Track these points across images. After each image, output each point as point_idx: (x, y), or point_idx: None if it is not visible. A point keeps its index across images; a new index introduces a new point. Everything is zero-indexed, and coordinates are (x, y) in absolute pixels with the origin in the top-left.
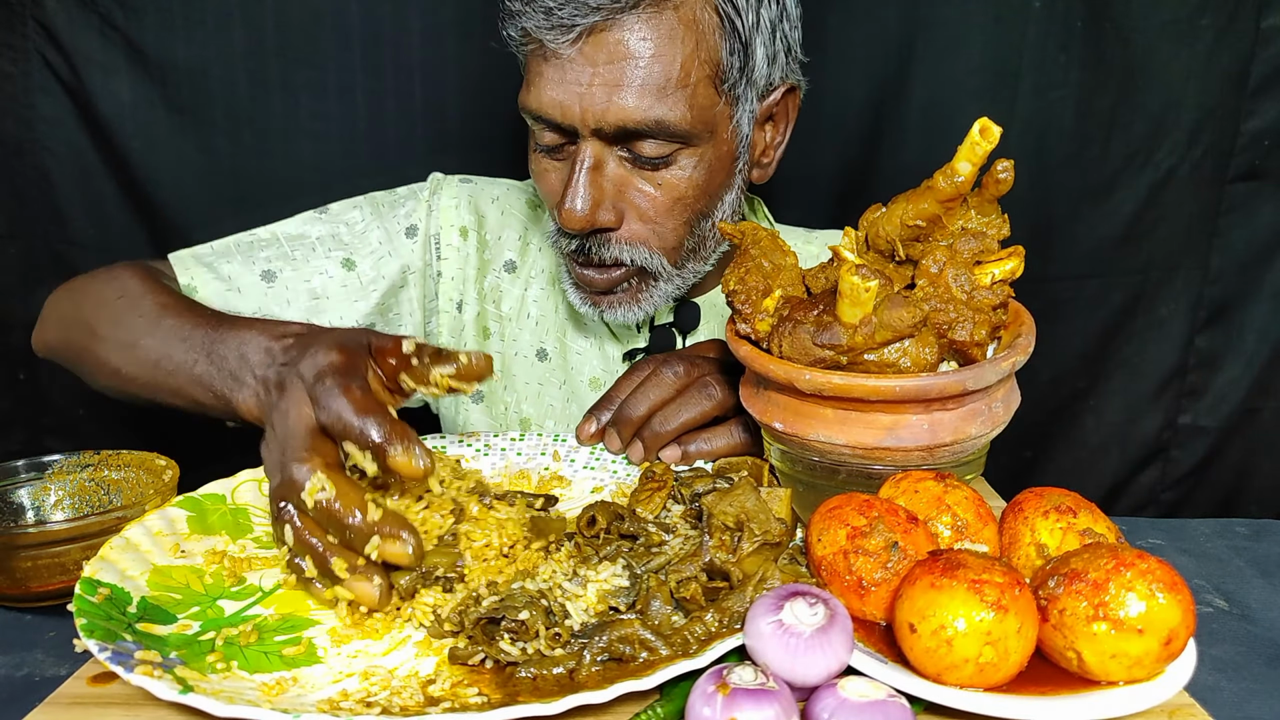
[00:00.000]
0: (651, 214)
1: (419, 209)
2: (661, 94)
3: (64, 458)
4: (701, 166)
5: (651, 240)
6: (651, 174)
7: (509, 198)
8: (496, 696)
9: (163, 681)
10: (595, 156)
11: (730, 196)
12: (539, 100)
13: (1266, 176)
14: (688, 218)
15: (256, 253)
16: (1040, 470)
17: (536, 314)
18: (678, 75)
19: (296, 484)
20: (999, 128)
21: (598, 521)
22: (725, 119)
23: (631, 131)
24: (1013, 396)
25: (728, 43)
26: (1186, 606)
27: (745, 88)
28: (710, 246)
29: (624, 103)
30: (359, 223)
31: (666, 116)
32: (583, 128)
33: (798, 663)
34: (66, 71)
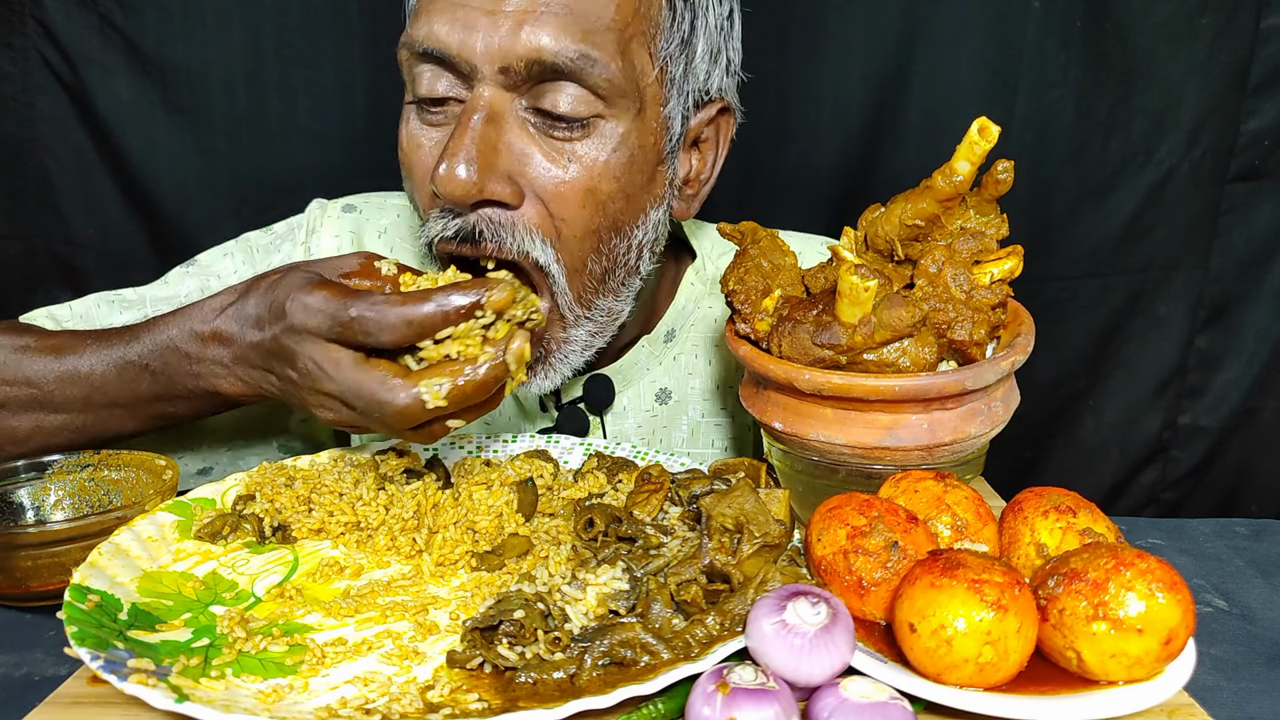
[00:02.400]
0: (556, 199)
1: (295, 253)
2: (590, 28)
3: (64, 458)
4: (623, 149)
5: (550, 234)
6: (563, 144)
7: (399, 227)
8: (497, 702)
9: (157, 690)
10: (493, 106)
11: (655, 214)
12: (429, 27)
13: (1266, 176)
14: (599, 221)
15: (116, 316)
16: (1040, 470)
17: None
18: (611, 16)
19: (412, 410)
20: (997, 127)
21: (595, 524)
22: (656, 100)
23: (547, 67)
24: (1012, 396)
25: (673, 8)
26: (1186, 606)
27: (682, 74)
28: (620, 278)
29: (541, 30)
30: (231, 275)
31: (592, 53)
32: (484, 63)
33: (802, 662)
34: (66, 71)
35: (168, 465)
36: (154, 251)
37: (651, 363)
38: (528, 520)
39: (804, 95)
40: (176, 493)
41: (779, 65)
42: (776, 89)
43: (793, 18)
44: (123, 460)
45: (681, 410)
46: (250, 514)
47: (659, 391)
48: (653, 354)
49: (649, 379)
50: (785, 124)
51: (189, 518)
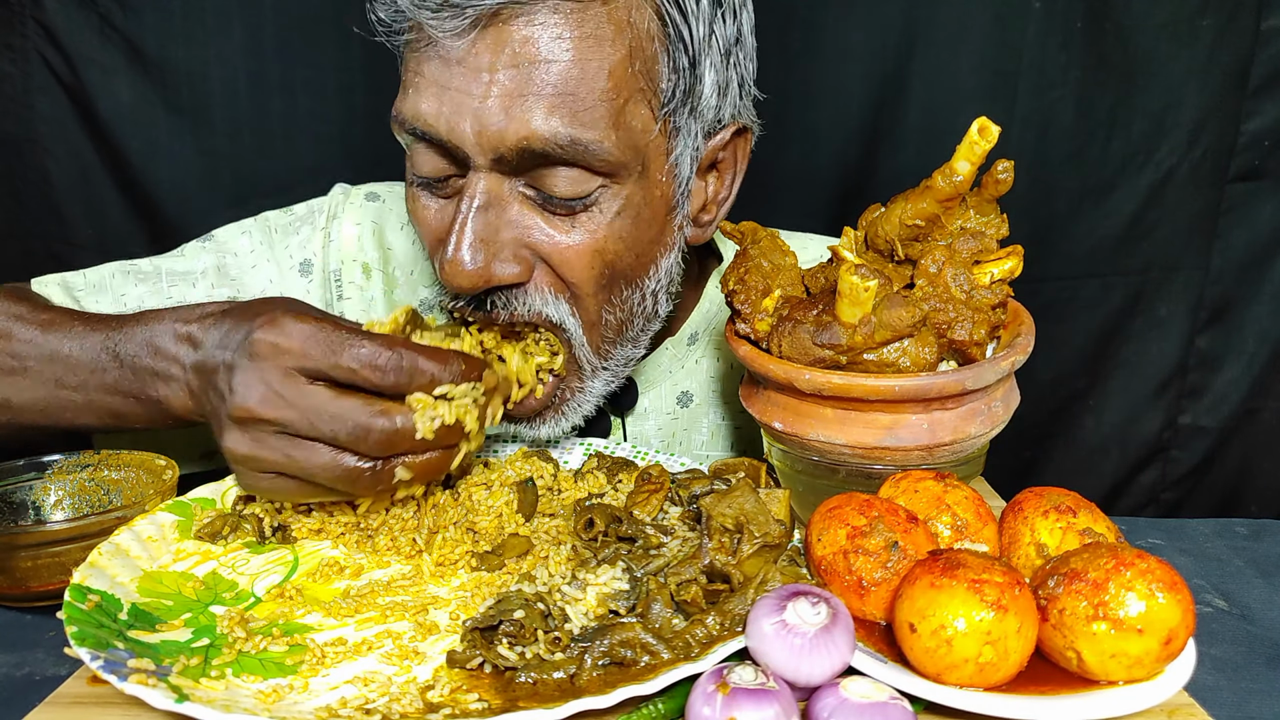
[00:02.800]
0: (563, 266)
1: (314, 239)
2: (580, 108)
3: (64, 458)
4: (628, 212)
5: (565, 294)
6: (564, 219)
7: None
8: (497, 702)
9: (158, 690)
10: (490, 192)
11: (666, 261)
12: (416, 109)
13: (1266, 176)
14: (609, 278)
15: (130, 288)
16: (1040, 470)
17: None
18: (603, 87)
19: (405, 433)
20: (997, 127)
21: (595, 524)
22: (660, 154)
23: (539, 155)
24: (1012, 396)
25: (670, 56)
26: (1186, 606)
27: (688, 118)
28: (639, 326)
29: (530, 116)
30: (248, 254)
31: (584, 137)
32: (476, 151)
33: (802, 662)
34: (66, 71)
35: (168, 465)
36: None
37: (674, 365)
38: (528, 520)
39: (804, 95)
40: (177, 492)
41: (779, 65)
42: (776, 89)
43: (793, 18)
44: (123, 460)
45: (702, 413)
46: (250, 514)
47: (680, 394)
48: (675, 356)
49: (670, 381)
50: (785, 124)
51: (189, 518)
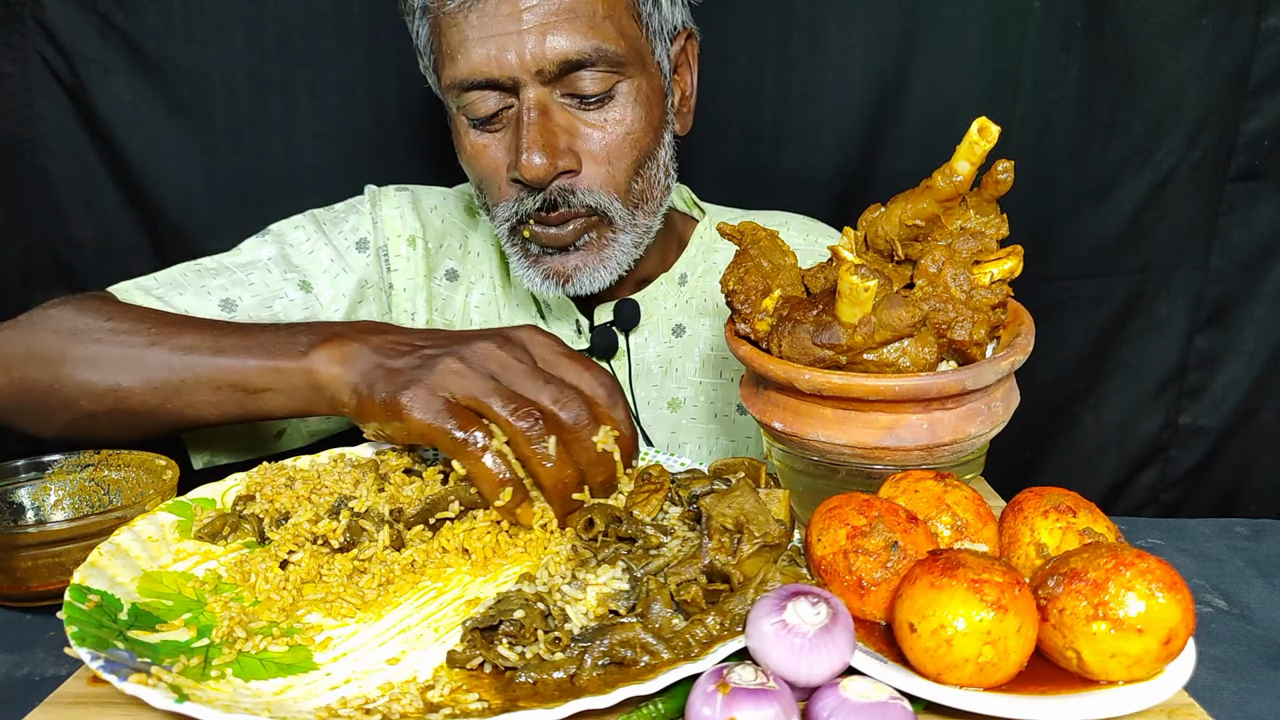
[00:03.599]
0: (605, 154)
1: (363, 223)
2: (592, 22)
3: (64, 458)
4: (640, 99)
5: (608, 182)
6: (597, 113)
7: (446, 206)
8: (497, 702)
9: (157, 690)
10: (540, 103)
11: (666, 137)
12: (469, 63)
13: (1266, 176)
14: (637, 156)
15: (208, 281)
16: (1040, 470)
17: (479, 320)
18: (602, 5)
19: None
20: (997, 127)
21: (595, 524)
22: (648, 51)
23: (574, 63)
24: (1012, 396)
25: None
26: (1186, 606)
27: (659, 24)
28: (655, 195)
29: (559, 36)
30: (305, 242)
31: (602, 44)
32: (524, 73)
33: (802, 662)
34: (66, 71)
35: (168, 465)
36: (154, 251)
37: (668, 300)
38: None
39: (804, 95)
40: (177, 492)
41: (779, 65)
42: (776, 89)
43: (793, 18)
44: (123, 460)
45: (694, 344)
46: (250, 514)
47: (675, 326)
48: (668, 292)
49: (665, 314)
50: (785, 124)
51: (189, 518)
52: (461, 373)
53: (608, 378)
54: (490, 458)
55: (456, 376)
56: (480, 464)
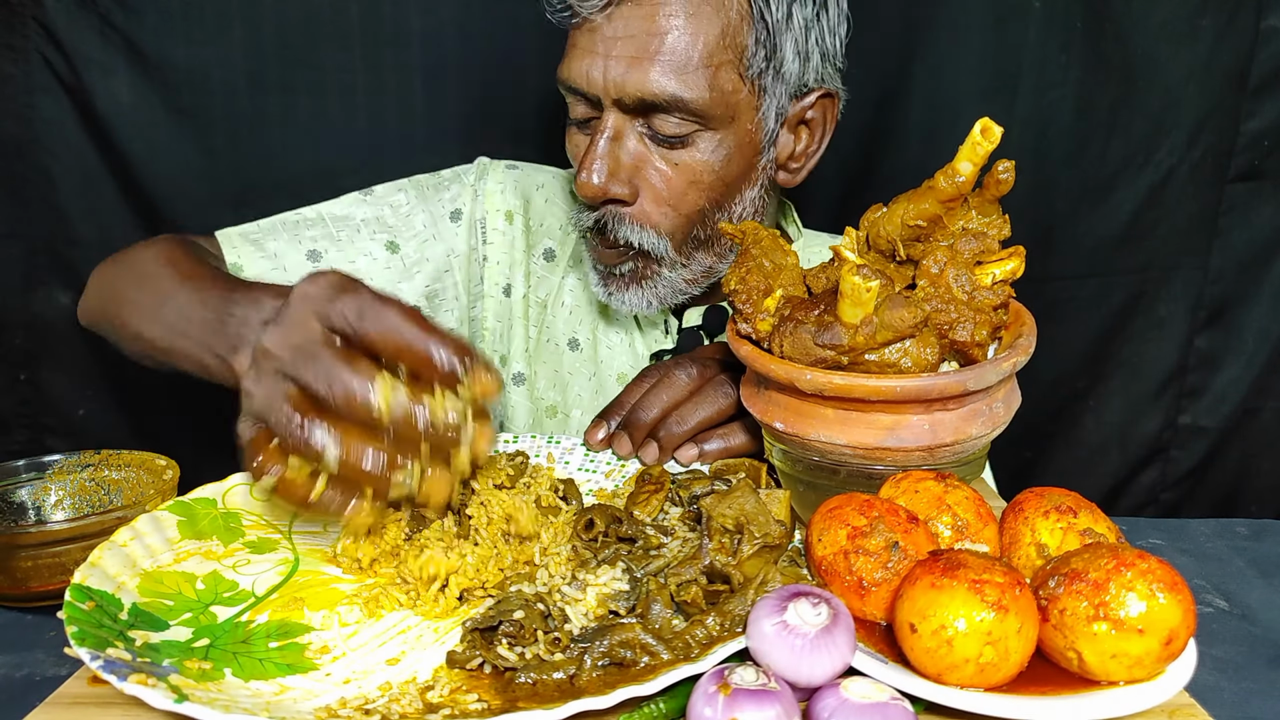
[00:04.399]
0: (665, 194)
1: (464, 194)
2: (682, 71)
3: (64, 458)
4: (720, 151)
5: (662, 223)
6: (669, 152)
7: (553, 185)
8: (496, 703)
9: (157, 690)
10: (615, 128)
11: (751, 193)
12: (568, 69)
13: (1266, 176)
14: (702, 204)
15: (303, 231)
16: (1040, 470)
17: (571, 303)
18: (700, 54)
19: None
20: (1000, 128)
21: (595, 524)
22: (749, 108)
23: (650, 104)
24: (1013, 397)
25: (754, 31)
26: (1187, 606)
27: (773, 81)
28: (725, 242)
29: (643, 75)
30: (403, 205)
31: (684, 94)
32: (605, 97)
33: (802, 663)
34: (66, 71)
35: (168, 465)
36: None
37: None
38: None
39: None
40: (177, 492)
41: None
42: None
43: None
44: (123, 460)
45: None
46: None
47: None
48: None
49: None
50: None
51: (189, 518)
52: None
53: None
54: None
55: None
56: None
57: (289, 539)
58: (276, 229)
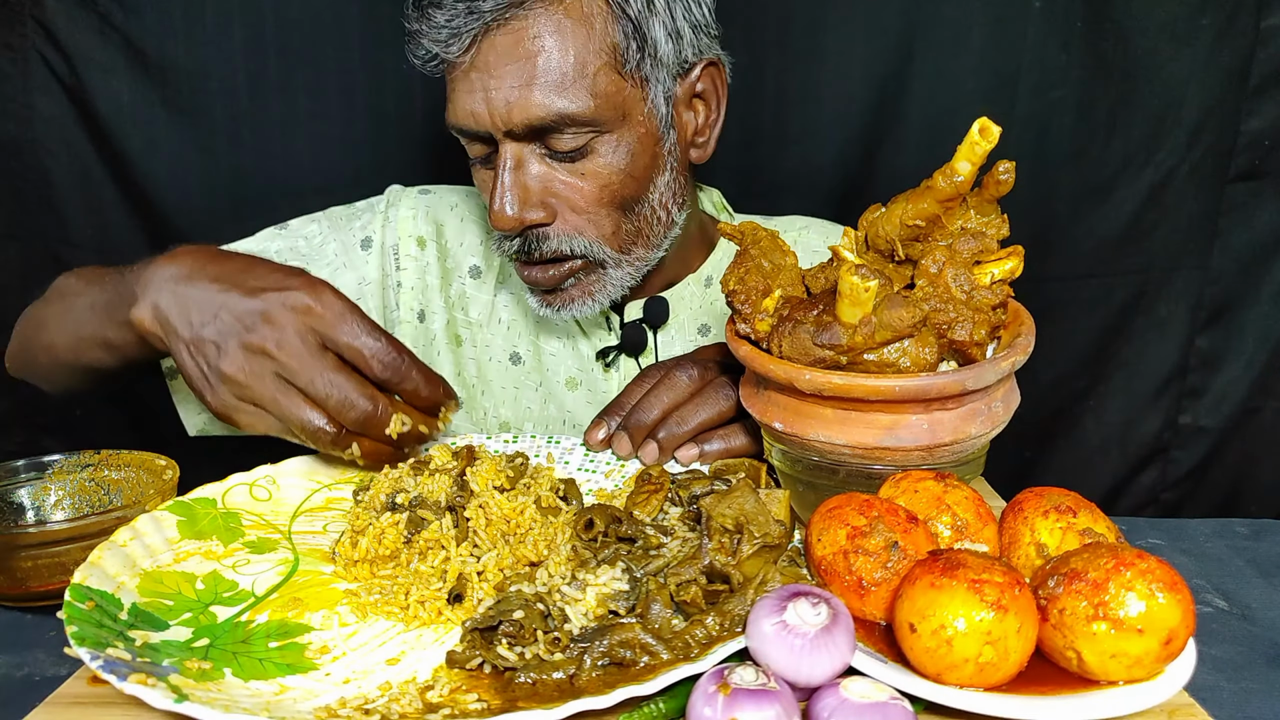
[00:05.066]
0: (582, 204)
1: (374, 221)
2: (561, 87)
3: (64, 458)
4: (621, 151)
5: (588, 230)
6: (572, 165)
7: (467, 204)
8: (496, 703)
9: (157, 690)
10: (515, 156)
11: (663, 178)
12: (454, 114)
13: (1266, 176)
14: (619, 203)
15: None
16: (1040, 470)
17: (507, 318)
18: (574, 66)
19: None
20: (998, 127)
21: (595, 524)
22: (637, 101)
23: (539, 128)
24: (1012, 396)
25: (620, 26)
26: (1186, 606)
27: (653, 68)
28: (657, 231)
29: (526, 100)
30: (316, 236)
31: (568, 109)
32: (495, 131)
33: (802, 663)
34: (66, 71)
35: (168, 465)
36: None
37: (693, 301)
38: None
39: (804, 95)
40: (177, 491)
41: (779, 65)
42: (776, 89)
43: (793, 18)
44: (123, 460)
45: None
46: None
47: (700, 326)
48: (695, 294)
49: (691, 315)
50: (785, 124)
51: (189, 518)
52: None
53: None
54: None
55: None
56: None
57: (289, 539)
58: None
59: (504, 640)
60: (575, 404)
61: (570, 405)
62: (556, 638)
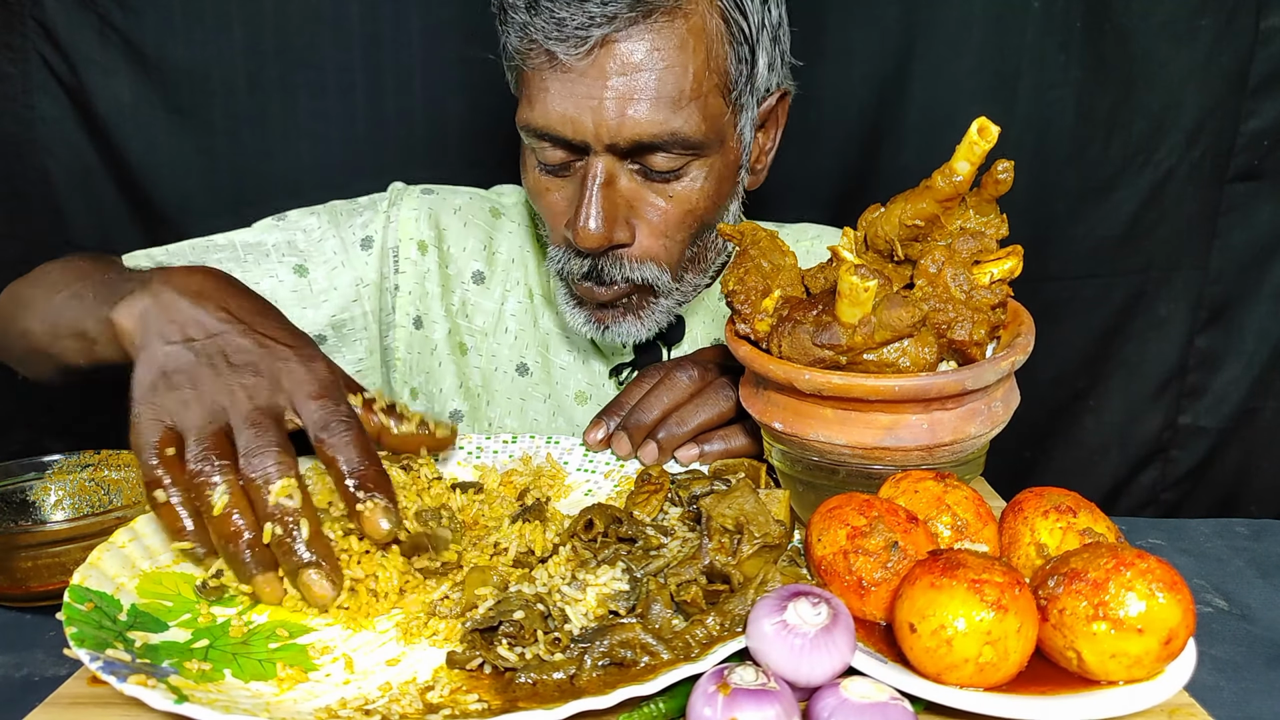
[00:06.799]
0: (662, 227)
1: (376, 220)
2: (676, 106)
3: (64, 458)
4: (711, 176)
5: (660, 255)
6: (664, 186)
7: (471, 206)
8: (496, 703)
9: (157, 691)
10: (608, 172)
11: (734, 205)
12: (546, 116)
13: (1266, 176)
14: (696, 229)
15: (209, 255)
16: (1040, 470)
17: (515, 328)
18: (690, 86)
19: (264, 472)
20: (997, 127)
21: (595, 525)
22: (732, 127)
23: (646, 145)
24: (1012, 396)
25: (735, 50)
26: (1186, 606)
27: (749, 95)
28: (710, 257)
29: (638, 116)
30: (315, 230)
31: (681, 129)
32: (595, 143)
33: (802, 663)
34: (66, 71)
35: None
36: None
37: (707, 315)
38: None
39: (804, 95)
40: None
41: None
42: None
43: (793, 18)
44: (123, 460)
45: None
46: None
47: (715, 339)
48: (708, 306)
49: (704, 328)
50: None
51: None
52: (186, 402)
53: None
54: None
55: (180, 405)
56: (162, 507)
57: None
58: (184, 253)
59: (504, 641)
60: (584, 418)
61: (579, 419)
62: (557, 638)
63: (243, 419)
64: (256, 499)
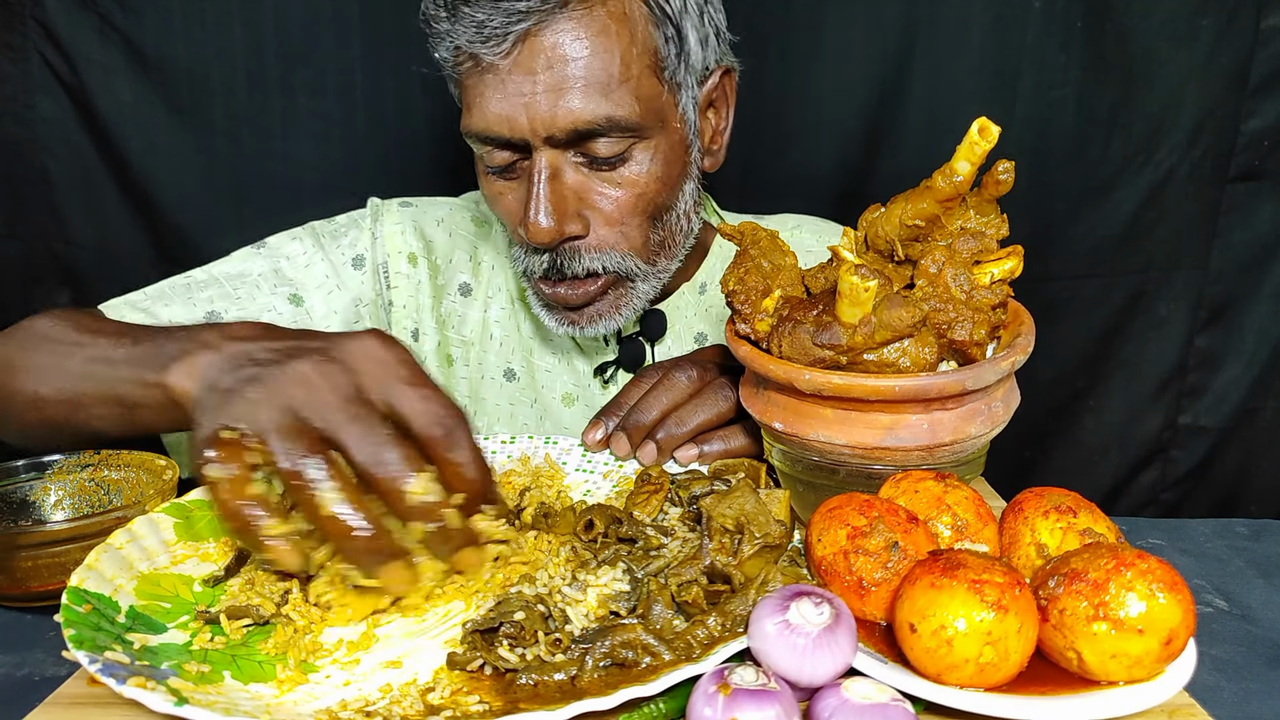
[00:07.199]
0: (617, 215)
1: (363, 238)
2: (606, 90)
3: (64, 458)
4: (658, 158)
5: (621, 242)
6: (610, 174)
7: (453, 218)
8: (498, 704)
9: (156, 693)
10: (551, 165)
11: (689, 186)
12: (484, 119)
13: (1266, 176)
14: (651, 212)
15: (195, 294)
16: (1040, 470)
17: (500, 335)
18: (619, 69)
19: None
20: (997, 127)
21: (595, 525)
22: (671, 107)
23: (584, 133)
24: (1012, 396)
25: (661, 30)
26: (1186, 606)
27: (685, 74)
28: (678, 240)
29: (571, 105)
30: (301, 256)
31: (615, 112)
32: (533, 138)
33: (805, 663)
34: (66, 71)
35: (168, 465)
36: (154, 252)
37: (689, 309)
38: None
39: (804, 95)
40: (177, 493)
41: (779, 65)
42: (776, 89)
43: (793, 18)
44: (123, 460)
45: None
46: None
47: (697, 334)
48: (690, 301)
49: (686, 324)
50: (785, 124)
51: (186, 520)
52: (256, 402)
53: (452, 409)
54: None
55: (249, 406)
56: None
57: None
58: (166, 294)
59: (505, 642)
60: (572, 420)
61: (567, 421)
62: (558, 639)
63: (334, 410)
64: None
